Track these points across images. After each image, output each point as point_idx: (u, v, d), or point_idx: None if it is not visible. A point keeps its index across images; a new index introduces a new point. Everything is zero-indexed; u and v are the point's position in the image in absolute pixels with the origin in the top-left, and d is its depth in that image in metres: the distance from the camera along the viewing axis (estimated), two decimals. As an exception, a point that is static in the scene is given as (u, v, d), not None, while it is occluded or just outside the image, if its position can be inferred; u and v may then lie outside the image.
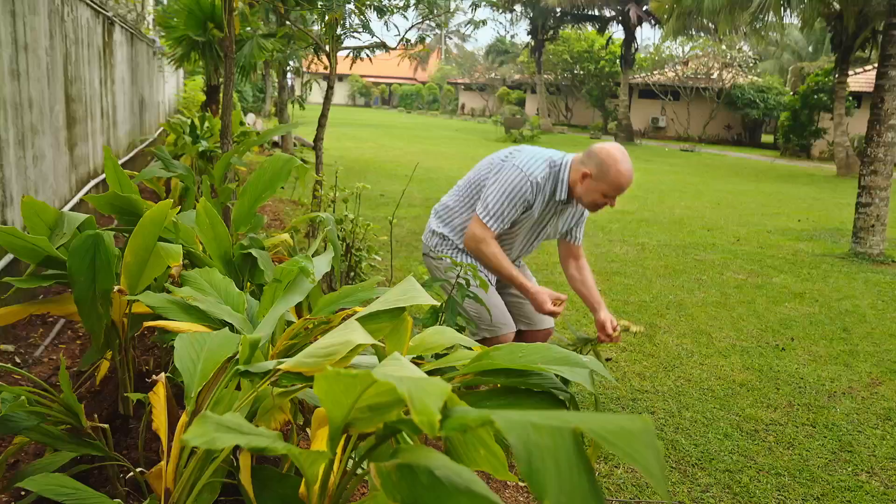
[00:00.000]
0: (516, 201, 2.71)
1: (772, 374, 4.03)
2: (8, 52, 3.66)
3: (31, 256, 1.92)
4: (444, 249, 2.95)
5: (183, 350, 1.41)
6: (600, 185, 2.65)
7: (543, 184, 2.73)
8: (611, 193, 2.66)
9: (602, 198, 2.68)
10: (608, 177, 2.63)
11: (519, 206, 2.72)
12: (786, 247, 7.90)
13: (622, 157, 2.64)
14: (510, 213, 2.73)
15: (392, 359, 1.11)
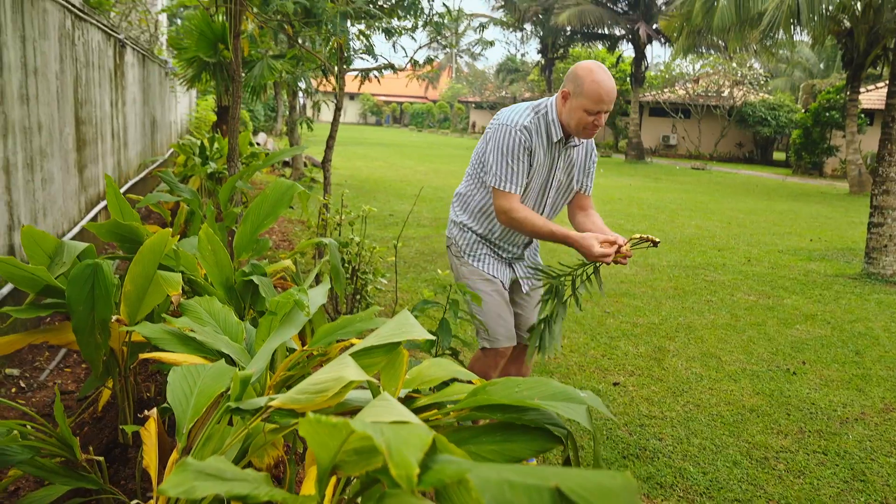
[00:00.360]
0: (517, 153, 2.65)
1: (782, 399, 3.97)
2: (17, 76, 3.70)
3: (30, 286, 1.92)
4: (462, 239, 2.91)
5: (176, 384, 1.39)
6: (580, 100, 2.57)
7: (534, 128, 2.67)
8: (592, 108, 2.55)
9: (586, 115, 2.57)
10: (584, 89, 2.54)
11: (521, 157, 2.65)
12: (797, 267, 7.82)
13: (597, 67, 2.57)
14: (517, 167, 2.65)
15: (381, 399, 1.09)
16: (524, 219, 2.64)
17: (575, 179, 2.85)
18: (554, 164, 2.75)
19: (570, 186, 2.86)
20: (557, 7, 26.44)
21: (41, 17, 4.10)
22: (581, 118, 2.59)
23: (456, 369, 1.62)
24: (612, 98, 2.55)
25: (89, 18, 5.37)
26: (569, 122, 2.64)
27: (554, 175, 2.77)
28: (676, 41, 21.08)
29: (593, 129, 2.62)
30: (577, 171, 2.85)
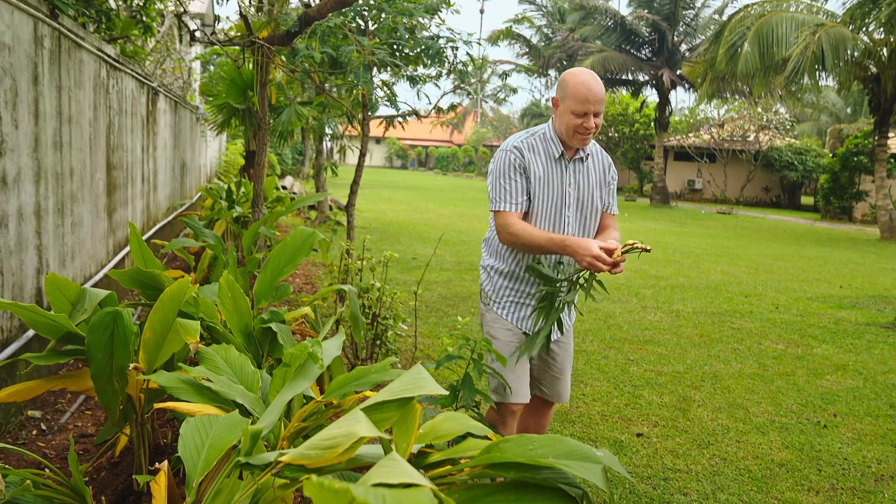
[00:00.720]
0: (508, 172, 2.62)
1: (813, 453, 3.84)
2: (52, 124, 3.82)
3: (51, 333, 1.95)
4: (488, 284, 2.85)
5: (188, 436, 1.39)
6: (566, 103, 2.55)
7: (527, 146, 2.65)
8: (578, 109, 2.51)
9: (574, 118, 2.54)
10: (569, 91, 2.53)
11: (513, 176, 2.61)
12: (827, 315, 7.65)
13: (582, 70, 2.56)
14: (509, 185, 2.61)
15: (389, 459, 1.08)
16: (520, 231, 2.57)
17: (597, 196, 2.76)
18: (564, 180, 2.69)
19: (593, 203, 2.76)
20: (581, 54, 26.79)
21: (77, 67, 4.25)
22: (569, 122, 2.56)
23: (470, 424, 1.60)
24: (598, 98, 2.51)
25: (124, 67, 5.55)
26: (562, 131, 2.62)
27: (567, 191, 2.69)
28: (700, 87, 21.18)
29: (584, 132, 2.56)
30: (596, 188, 2.76)
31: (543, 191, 2.65)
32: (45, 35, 3.61)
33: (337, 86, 6.31)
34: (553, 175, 2.66)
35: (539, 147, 2.66)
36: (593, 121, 2.54)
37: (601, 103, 2.53)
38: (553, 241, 2.52)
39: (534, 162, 2.64)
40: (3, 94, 3.08)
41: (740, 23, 17.17)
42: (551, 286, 2.60)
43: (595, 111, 2.53)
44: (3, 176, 3.11)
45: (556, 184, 2.67)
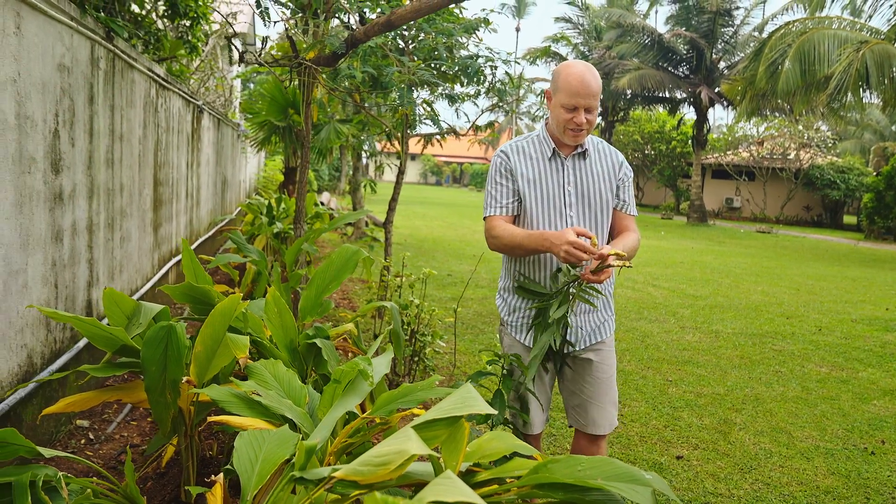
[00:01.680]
0: (493, 177, 2.54)
1: (860, 481, 3.74)
2: (105, 142, 3.95)
3: (107, 345, 2.02)
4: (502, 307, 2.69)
5: (242, 450, 1.42)
6: (558, 97, 2.41)
7: (515, 149, 2.54)
8: (567, 102, 2.37)
9: (565, 113, 2.39)
10: (560, 83, 2.39)
11: (498, 180, 2.52)
12: (872, 338, 7.46)
13: (576, 62, 2.40)
14: (494, 190, 2.52)
15: (444, 477, 1.09)
16: (502, 233, 2.45)
17: (604, 192, 2.54)
18: (561, 179, 2.52)
19: (599, 201, 2.54)
20: (618, 72, 26.70)
21: (129, 87, 4.39)
22: (559, 117, 2.42)
23: (517, 443, 1.61)
24: (590, 92, 2.35)
25: (171, 87, 5.72)
26: (554, 127, 2.49)
27: (566, 190, 2.51)
28: (740, 104, 20.92)
29: (575, 129, 2.41)
30: (602, 184, 2.55)
31: (536, 192, 2.50)
32: (100, 56, 3.75)
33: (378, 104, 6.40)
34: (546, 175, 2.51)
35: (528, 148, 2.54)
36: (584, 116, 2.38)
37: (594, 97, 2.37)
38: (531, 236, 2.38)
39: (521, 163, 2.51)
40: (61, 113, 3.20)
41: (781, 40, 16.96)
42: (542, 301, 2.46)
43: (587, 106, 2.37)
44: (60, 192, 3.23)
45: (551, 183, 2.51)
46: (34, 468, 1.46)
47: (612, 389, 2.65)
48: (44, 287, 3.07)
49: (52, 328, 3.23)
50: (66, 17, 3.17)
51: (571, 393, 2.66)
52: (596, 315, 2.60)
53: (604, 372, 2.62)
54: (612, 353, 2.66)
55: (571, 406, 2.68)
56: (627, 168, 2.64)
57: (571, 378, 2.65)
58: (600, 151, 2.60)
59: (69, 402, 2.04)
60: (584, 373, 2.62)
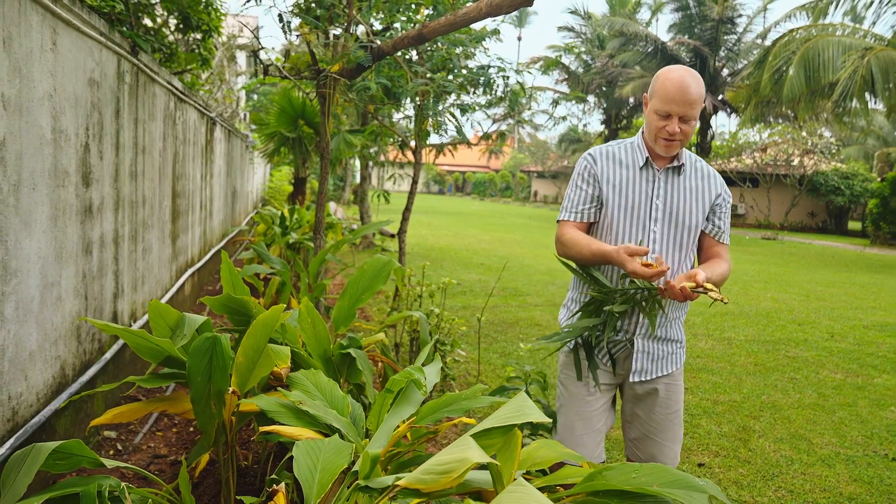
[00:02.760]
0: (576, 180, 2.40)
1: (883, 487, 3.75)
2: (129, 155, 3.99)
3: (153, 356, 2.04)
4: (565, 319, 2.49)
5: (301, 459, 1.45)
6: (652, 102, 2.26)
7: (606, 153, 2.39)
8: (661, 108, 2.21)
9: (658, 120, 2.24)
10: (656, 87, 2.24)
11: (580, 184, 2.38)
12: (885, 344, 7.46)
13: (678, 67, 2.25)
14: (574, 194, 2.39)
15: (518, 485, 1.12)
16: (568, 240, 2.31)
17: (695, 212, 2.37)
18: (650, 191, 2.34)
19: (688, 220, 2.36)
20: (621, 80, 26.80)
21: (151, 100, 4.44)
22: (652, 123, 2.27)
23: (566, 452, 1.63)
24: (686, 99, 2.18)
25: (188, 100, 5.77)
26: (648, 134, 2.34)
27: (654, 203, 2.34)
28: (744, 111, 20.98)
29: (668, 138, 2.25)
30: (694, 204, 2.37)
31: (620, 200, 2.34)
32: (126, 71, 3.80)
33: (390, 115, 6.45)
34: (635, 185, 2.34)
35: (620, 154, 2.39)
36: (678, 125, 2.22)
37: (691, 107, 2.20)
38: (602, 249, 2.22)
39: (608, 169, 2.36)
40: (91, 127, 3.25)
41: (785, 47, 17.04)
42: (602, 294, 2.30)
43: (682, 114, 2.20)
44: (90, 205, 3.27)
45: (638, 194, 2.34)
46: (98, 478, 1.49)
47: (678, 426, 2.45)
48: (76, 299, 3.11)
49: (83, 339, 3.26)
50: (95, 32, 3.22)
51: (630, 425, 2.49)
52: (667, 344, 2.40)
53: (669, 407, 2.43)
54: (680, 387, 2.45)
55: (630, 438, 2.51)
56: (727, 193, 2.46)
57: (631, 411, 2.47)
58: (698, 170, 2.43)
59: (117, 413, 2.06)
60: (647, 407, 2.43)
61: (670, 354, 2.42)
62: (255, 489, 2.51)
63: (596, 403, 2.38)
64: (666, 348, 2.39)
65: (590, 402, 2.38)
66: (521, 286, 10.09)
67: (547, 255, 14.66)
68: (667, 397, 2.41)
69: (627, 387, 2.43)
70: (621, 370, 2.39)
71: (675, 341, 2.43)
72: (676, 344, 2.44)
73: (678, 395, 2.43)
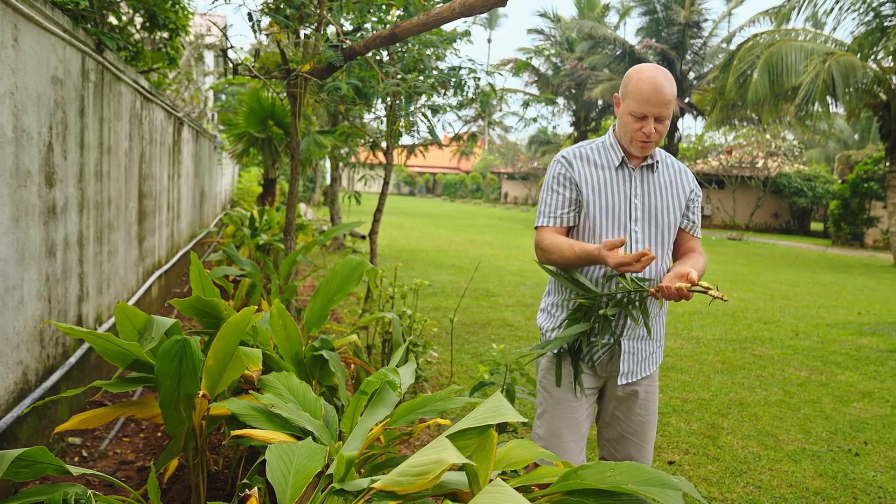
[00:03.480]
0: (551, 184, 2.35)
1: (847, 481, 3.83)
2: (94, 155, 3.91)
3: (120, 360, 2.00)
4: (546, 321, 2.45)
5: (274, 463, 1.43)
6: (626, 103, 2.22)
7: (580, 154, 2.35)
8: (636, 110, 2.18)
9: (634, 121, 2.21)
10: (629, 88, 2.20)
11: (556, 188, 2.34)
12: (848, 342, 7.64)
13: (650, 66, 2.22)
14: (550, 198, 2.34)
15: (495, 486, 1.11)
16: (550, 245, 2.27)
17: (672, 209, 2.37)
18: (628, 191, 2.33)
19: (667, 218, 2.36)
20: (590, 83, 27.05)
21: (117, 99, 4.35)
22: (627, 125, 2.24)
23: (541, 451, 1.63)
24: (661, 100, 2.16)
25: (155, 99, 5.67)
26: (622, 135, 2.31)
27: (632, 203, 2.33)
28: (710, 114, 21.32)
29: (644, 140, 2.23)
30: (671, 200, 2.37)
31: (600, 202, 2.31)
32: (91, 69, 3.72)
33: (360, 116, 6.42)
34: (613, 185, 2.32)
35: (593, 156, 2.35)
36: (653, 126, 2.20)
37: (666, 106, 2.18)
38: (584, 250, 2.19)
39: (585, 171, 2.33)
40: (55, 126, 3.17)
41: (750, 51, 17.36)
42: (590, 299, 2.26)
43: (657, 114, 2.18)
44: (53, 206, 3.19)
45: (617, 194, 2.32)
46: (63, 486, 1.44)
47: (654, 426, 2.45)
48: (38, 302, 3.03)
49: (46, 344, 3.18)
50: (59, 28, 3.15)
51: (608, 425, 2.45)
52: (650, 343, 2.38)
53: (647, 408, 2.42)
54: (657, 388, 2.46)
55: (607, 439, 2.47)
56: (698, 188, 2.47)
57: (611, 412, 2.43)
58: (670, 166, 2.43)
59: (82, 419, 2.01)
60: (626, 409, 2.40)
61: (653, 354, 2.42)
62: (227, 494, 2.46)
63: (581, 409, 2.36)
64: (649, 348, 2.39)
65: (575, 407, 2.35)
66: (492, 287, 10.12)
67: (518, 257, 14.73)
68: (646, 398, 2.41)
69: (610, 389, 2.41)
70: (604, 373, 2.37)
71: (658, 340, 2.44)
72: (658, 343, 2.44)
73: (656, 396, 2.45)
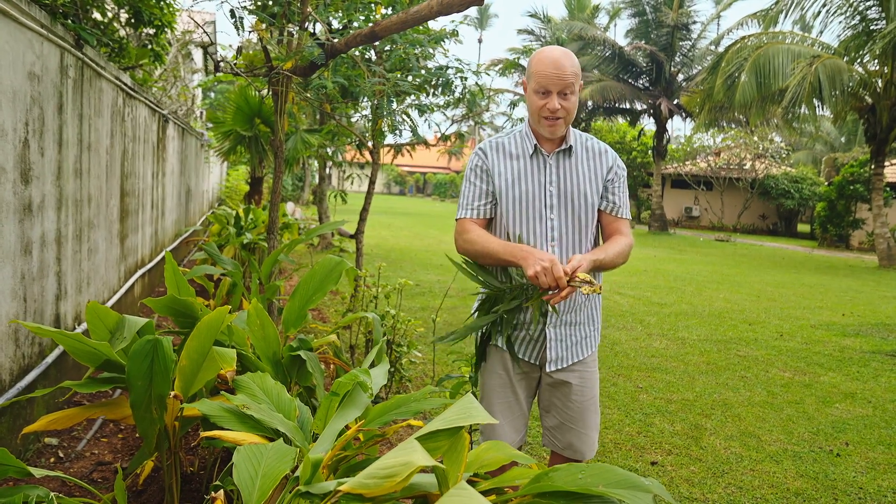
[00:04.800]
0: (468, 176, 2.34)
1: (828, 482, 3.85)
2: (74, 152, 3.86)
3: (91, 360, 1.97)
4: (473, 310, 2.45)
5: (241, 465, 1.41)
6: (531, 84, 2.20)
7: (495, 145, 2.34)
8: (538, 86, 2.16)
9: (538, 99, 2.19)
10: (532, 69, 2.19)
11: (472, 179, 2.32)
12: (831, 343, 7.68)
13: (549, 47, 2.22)
14: (468, 190, 2.33)
15: (460, 489, 1.10)
16: (476, 238, 2.23)
17: (588, 193, 2.31)
18: (543, 178, 2.29)
19: (583, 203, 2.31)
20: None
21: (97, 96, 4.31)
22: (532, 104, 2.21)
23: (514, 453, 1.62)
24: (563, 74, 2.13)
25: (138, 96, 5.62)
26: (531, 118, 2.28)
27: (547, 190, 2.29)
28: (698, 116, 21.41)
29: (551, 117, 2.19)
30: (588, 185, 2.32)
31: (514, 191, 2.28)
32: (70, 65, 3.67)
33: (348, 115, 6.39)
34: (528, 174, 2.29)
35: (509, 145, 2.33)
36: (558, 102, 2.16)
37: (569, 79, 2.14)
38: (507, 247, 2.15)
39: (499, 162, 2.30)
40: (31, 122, 3.13)
41: (737, 54, 17.44)
42: (493, 290, 2.25)
43: (560, 89, 2.14)
44: (29, 203, 3.15)
45: (531, 184, 2.28)
46: (25, 489, 1.41)
47: (594, 413, 2.40)
48: (13, 301, 2.99)
49: (21, 343, 3.14)
50: (36, 24, 3.10)
51: (547, 413, 2.43)
52: (579, 328, 2.36)
53: (584, 395, 2.37)
54: (594, 373, 2.41)
55: (548, 427, 2.44)
56: (619, 167, 2.40)
57: (548, 399, 2.40)
58: (589, 149, 2.37)
59: (51, 420, 1.98)
60: (563, 395, 2.36)
61: (585, 338, 2.39)
62: (201, 496, 2.44)
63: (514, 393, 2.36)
64: (579, 333, 2.36)
65: (506, 392, 2.35)
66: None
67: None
68: (581, 385, 2.36)
69: (544, 374, 2.37)
70: (535, 360, 2.34)
71: (589, 325, 2.40)
72: (591, 327, 2.40)
73: (593, 382, 2.40)
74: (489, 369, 2.38)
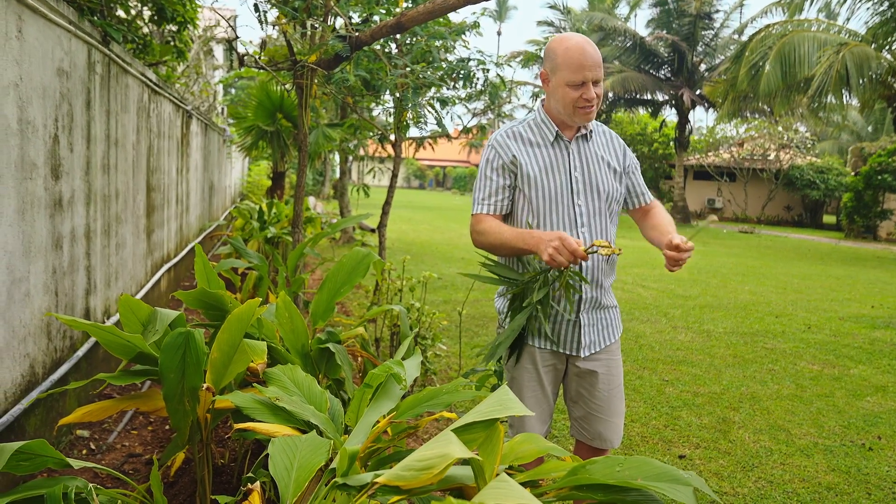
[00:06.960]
0: (488, 170, 2.29)
1: (861, 476, 3.78)
2: (101, 147, 3.90)
3: (124, 353, 1.98)
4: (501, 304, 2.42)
5: (277, 457, 1.41)
6: (559, 75, 2.18)
7: (512, 135, 2.31)
8: (573, 79, 2.15)
9: (571, 91, 2.18)
10: (559, 61, 2.17)
11: (490, 174, 2.29)
12: (861, 335, 7.55)
13: (570, 35, 2.21)
14: (485, 184, 2.29)
15: (501, 481, 1.09)
16: (487, 229, 2.22)
17: (610, 179, 2.34)
18: (568, 165, 2.29)
19: (608, 188, 2.33)
20: (600, 74, 26.86)
21: (124, 92, 4.34)
22: (566, 96, 2.19)
23: (549, 445, 1.60)
24: (595, 62, 2.15)
25: (163, 92, 5.66)
26: (558, 109, 2.26)
27: (573, 177, 2.29)
28: (721, 106, 21.14)
29: (586, 106, 2.20)
30: (607, 168, 2.35)
31: (542, 181, 2.26)
32: (97, 61, 3.70)
33: (369, 108, 6.39)
34: (551, 162, 2.28)
35: (528, 135, 2.31)
36: (593, 90, 2.17)
37: (600, 68, 2.17)
38: (518, 234, 2.15)
39: (522, 153, 2.28)
40: (60, 118, 3.16)
41: (762, 42, 17.18)
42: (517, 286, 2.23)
43: (594, 78, 2.16)
44: (60, 198, 3.18)
45: (557, 171, 2.28)
46: (65, 480, 1.43)
47: (620, 401, 2.41)
48: (45, 295, 3.02)
49: (53, 337, 3.18)
50: (64, 20, 3.13)
51: (575, 404, 2.43)
52: (608, 311, 2.39)
53: (611, 383, 2.39)
54: (619, 361, 2.43)
55: (575, 418, 2.46)
56: (632, 155, 2.46)
57: (575, 390, 2.41)
58: (601, 133, 2.41)
59: (86, 412, 2.00)
60: (589, 385, 2.37)
61: (612, 320, 2.43)
62: (232, 488, 2.45)
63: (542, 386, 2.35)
64: (608, 315, 2.40)
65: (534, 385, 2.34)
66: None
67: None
68: (608, 374, 2.37)
69: (571, 365, 2.37)
70: (565, 349, 2.33)
71: (614, 306, 2.44)
72: (615, 309, 2.45)
73: (619, 370, 2.42)
74: (518, 363, 2.36)
